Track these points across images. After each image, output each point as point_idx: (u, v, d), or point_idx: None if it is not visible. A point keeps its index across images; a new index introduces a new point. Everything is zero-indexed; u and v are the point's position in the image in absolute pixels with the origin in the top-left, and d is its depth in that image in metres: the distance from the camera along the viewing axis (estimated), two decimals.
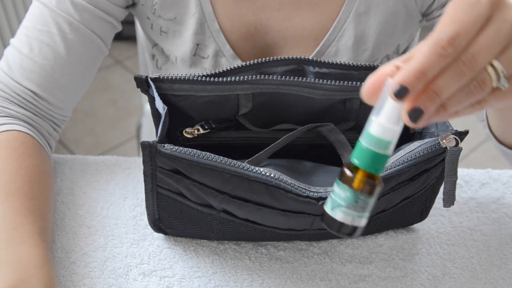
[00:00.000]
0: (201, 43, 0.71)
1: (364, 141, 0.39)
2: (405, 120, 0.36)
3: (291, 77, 0.58)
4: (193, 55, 0.72)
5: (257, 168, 0.53)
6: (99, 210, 0.67)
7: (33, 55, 0.65)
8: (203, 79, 0.57)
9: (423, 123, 0.36)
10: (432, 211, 0.66)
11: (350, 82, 0.58)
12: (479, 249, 0.66)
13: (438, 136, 0.57)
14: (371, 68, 0.61)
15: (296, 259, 0.63)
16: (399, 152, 0.58)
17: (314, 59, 0.61)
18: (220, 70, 0.58)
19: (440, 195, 0.62)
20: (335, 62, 0.61)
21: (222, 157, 0.53)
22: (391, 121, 0.38)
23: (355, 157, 0.39)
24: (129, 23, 0.80)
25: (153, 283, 0.60)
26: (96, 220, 0.66)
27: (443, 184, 0.57)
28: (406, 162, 0.55)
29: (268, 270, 0.62)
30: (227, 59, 0.71)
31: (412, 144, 0.59)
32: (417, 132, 0.64)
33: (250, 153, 0.59)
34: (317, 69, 0.61)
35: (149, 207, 0.59)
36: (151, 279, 0.60)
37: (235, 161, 0.53)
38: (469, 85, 0.36)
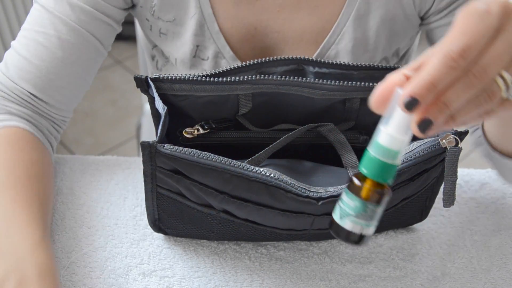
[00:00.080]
0: (201, 44, 0.71)
1: (372, 150, 0.39)
2: (414, 131, 0.36)
3: (291, 77, 0.58)
4: (193, 56, 0.72)
5: (257, 168, 0.53)
6: (99, 210, 0.67)
7: (29, 56, 0.65)
8: (203, 79, 0.57)
9: (432, 133, 0.36)
10: (432, 211, 0.66)
11: (350, 82, 0.58)
12: (479, 249, 0.66)
13: (438, 136, 0.57)
14: (371, 68, 0.61)
15: (296, 259, 0.63)
16: None
17: (314, 59, 0.61)
18: (220, 70, 0.58)
19: (440, 195, 0.62)
20: (335, 62, 0.61)
21: (222, 157, 0.53)
22: (400, 131, 0.38)
23: (364, 166, 0.39)
24: (129, 23, 0.79)
25: (153, 283, 0.60)
26: (96, 220, 0.66)
27: (443, 184, 0.57)
28: (406, 162, 0.55)
29: (268, 270, 0.62)
30: (227, 60, 0.71)
31: (412, 144, 0.58)
32: None
33: (250, 153, 0.59)
34: (317, 69, 0.61)
35: (149, 207, 0.59)
36: (151, 279, 0.60)
37: (235, 161, 0.53)
38: (478, 96, 0.36)
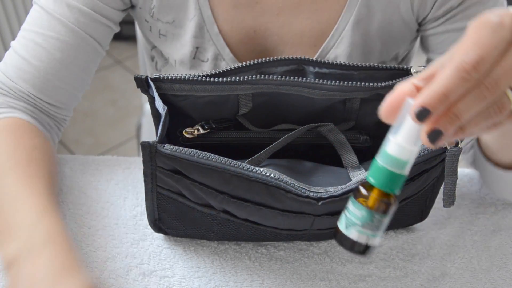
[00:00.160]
0: (201, 46, 0.71)
1: (380, 160, 0.38)
2: (424, 141, 0.36)
3: (291, 77, 0.58)
4: (193, 58, 0.72)
5: (257, 168, 0.53)
6: (99, 210, 0.67)
7: (28, 56, 0.66)
8: (203, 79, 0.57)
9: (441, 143, 0.36)
10: (432, 211, 0.66)
11: (350, 82, 0.58)
12: (479, 249, 0.66)
13: None
14: (371, 68, 0.61)
15: (296, 259, 0.63)
16: None
17: (314, 59, 0.61)
18: (220, 70, 0.58)
19: (440, 195, 0.62)
20: (335, 62, 0.61)
21: (222, 157, 0.53)
22: (409, 141, 0.37)
23: (371, 175, 0.39)
24: (130, 22, 0.79)
25: (153, 283, 0.60)
26: (96, 220, 0.66)
27: (443, 184, 0.57)
28: None
29: (268, 270, 0.62)
30: (226, 62, 0.71)
31: None
32: None
33: (250, 153, 0.59)
34: (317, 69, 0.61)
35: (149, 207, 0.59)
36: (151, 279, 0.60)
37: (235, 161, 0.53)
38: (488, 108, 0.36)
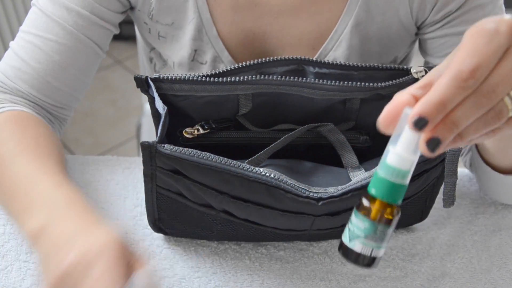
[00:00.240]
0: (199, 49, 0.71)
1: (381, 171, 0.38)
2: (423, 150, 0.36)
3: (291, 77, 0.58)
4: (191, 60, 0.72)
5: (257, 169, 0.53)
6: (99, 210, 0.67)
7: (27, 58, 0.66)
8: (203, 79, 0.57)
9: (440, 151, 0.36)
10: (432, 211, 0.66)
11: (350, 82, 0.58)
12: (479, 249, 0.66)
13: None
14: (371, 68, 0.61)
15: (296, 259, 0.63)
16: None
17: (314, 59, 0.61)
18: (220, 71, 0.58)
19: (440, 195, 0.62)
20: (335, 63, 0.61)
21: (222, 157, 0.53)
22: (408, 151, 0.37)
23: (373, 187, 0.39)
24: (130, 22, 0.79)
25: None
26: None
27: (443, 184, 0.57)
28: None
29: (268, 270, 0.62)
30: (225, 65, 0.71)
31: None
32: None
33: (250, 153, 0.59)
34: (317, 69, 0.61)
35: (149, 207, 0.59)
36: None
37: (235, 161, 0.53)
38: (486, 115, 0.36)
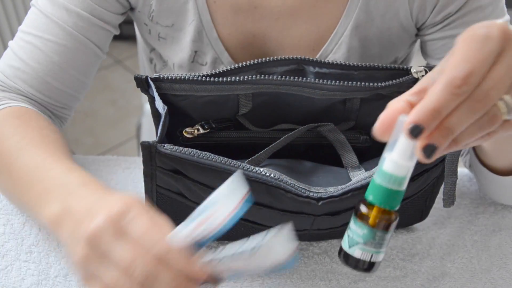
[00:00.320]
0: (199, 50, 0.71)
1: (378, 178, 0.39)
2: (419, 156, 0.36)
3: (291, 77, 0.58)
4: (191, 62, 0.72)
5: (257, 168, 0.53)
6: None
7: (26, 58, 0.66)
8: (203, 79, 0.56)
9: (437, 157, 0.36)
10: (432, 211, 0.66)
11: (350, 82, 0.58)
12: (479, 249, 0.66)
13: None
14: (371, 68, 0.61)
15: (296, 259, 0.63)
16: None
17: (314, 59, 0.61)
18: (220, 70, 0.58)
19: (440, 195, 0.62)
20: (335, 62, 0.61)
21: (222, 157, 0.53)
22: (404, 157, 0.38)
23: (370, 194, 0.39)
24: (130, 22, 0.79)
25: None
26: None
27: (443, 184, 0.57)
28: None
29: None
30: (225, 66, 0.71)
31: None
32: None
33: (250, 153, 0.59)
34: (317, 69, 0.61)
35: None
36: None
37: (235, 161, 0.53)
38: (480, 119, 0.36)
